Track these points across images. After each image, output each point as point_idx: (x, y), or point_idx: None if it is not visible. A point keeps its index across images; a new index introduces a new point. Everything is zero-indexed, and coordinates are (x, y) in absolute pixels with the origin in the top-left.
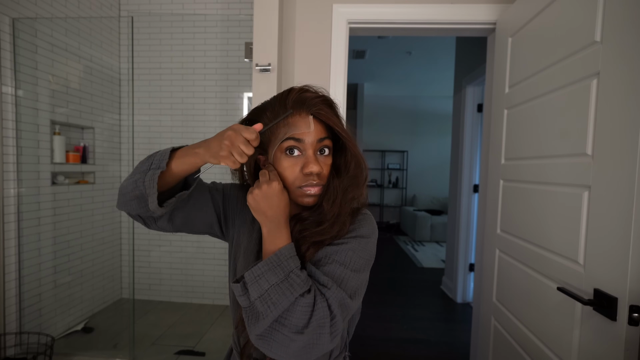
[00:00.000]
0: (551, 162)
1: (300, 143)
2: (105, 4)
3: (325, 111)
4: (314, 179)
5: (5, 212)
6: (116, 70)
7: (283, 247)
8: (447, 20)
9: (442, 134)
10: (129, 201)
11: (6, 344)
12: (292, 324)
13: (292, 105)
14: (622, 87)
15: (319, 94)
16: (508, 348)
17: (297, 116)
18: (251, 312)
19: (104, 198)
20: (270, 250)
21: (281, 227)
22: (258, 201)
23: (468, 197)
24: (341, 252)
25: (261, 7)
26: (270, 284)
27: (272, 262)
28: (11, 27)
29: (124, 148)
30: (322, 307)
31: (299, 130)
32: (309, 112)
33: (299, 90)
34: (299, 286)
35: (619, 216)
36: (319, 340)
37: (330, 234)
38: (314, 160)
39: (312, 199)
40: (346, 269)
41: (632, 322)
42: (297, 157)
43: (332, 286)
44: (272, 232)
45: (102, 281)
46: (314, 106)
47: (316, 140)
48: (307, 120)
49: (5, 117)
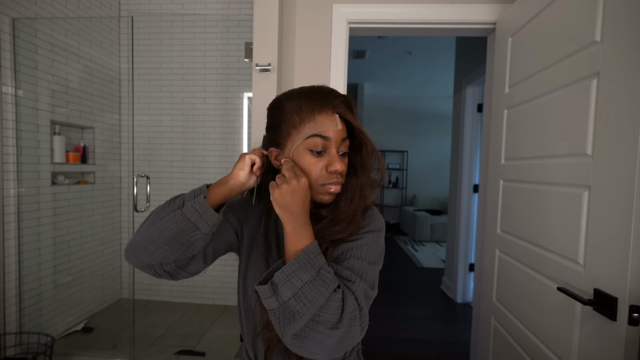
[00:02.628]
0: (551, 162)
1: (327, 141)
2: (105, 4)
3: (350, 111)
4: (337, 177)
5: (5, 212)
6: (116, 70)
7: (310, 245)
8: (447, 20)
9: (442, 134)
10: (159, 248)
11: (6, 344)
12: (326, 320)
13: (319, 103)
14: (622, 87)
15: (341, 94)
16: (508, 348)
17: (324, 113)
18: (283, 312)
19: (104, 198)
20: (296, 249)
21: (305, 225)
22: (285, 197)
23: (468, 197)
24: (357, 247)
25: (261, 7)
26: (303, 282)
27: (303, 260)
28: (11, 27)
29: (124, 148)
30: (351, 300)
31: (326, 128)
32: (334, 111)
33: (323, 87)
34: (331, 282)
35: (619, 216)
36: (351, 333)
37: (347, 233)
38: (338, 159)
39: (331, 197)
40: (364, 263)
41: (632, 322)
42: (321, 155)
43: (356, 279)
44: (297, 229)
45: (102, 281)
46: (339, 105)
47: (340, 139)
48: (333, 119)
49: (5, 117)
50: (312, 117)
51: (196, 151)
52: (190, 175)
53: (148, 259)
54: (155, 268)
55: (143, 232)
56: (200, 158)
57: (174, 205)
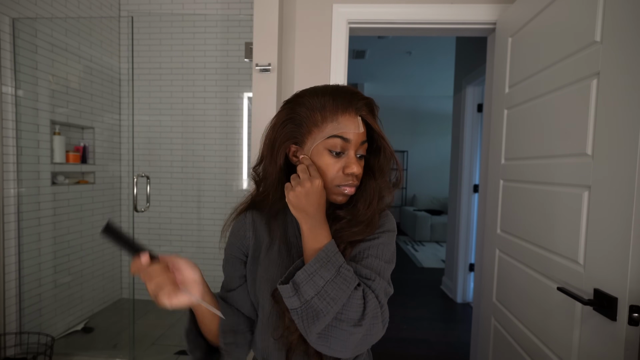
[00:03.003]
0: (551, 162)
1: (347, 143)
2: (105, 4)
3: (372, 114)
4: (353, 179)
5: (5, 212)
6: (116, 70)
7: (328, 243)
8: (447, 20)
9: (442, 134)
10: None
11: (6, 344)
12: (349, 317)
13: (343, 103)
14: (622, 87)
15: (364, 96)
16: (508, 348)
17: (347, 115)
18: (306, 311)
19: (104, 198)
20: (314, 247)
21: (322, 224)
22: (300, 198)
23: (468, 197)
24: (374, 246)
25: (261, 7)
26: (325, 281)
27: (323, 259)
28: (11, 27)
29: (124, 148)
30: (372, 298)
31: (348, 130)
32: (357, 113)
33: (348, 88)
34: (352, 279)
35: (619, 216)
36: (373, 329)
37: (365, 235)
38: (356, 162)
39: (344, 198)
40: (381, 261)
41: (632, 322)
42: (339, 156)
43: (376, 277)
44: (314, 229)
45: (102, 281)
46: (361, 108)
47: (359, 142)
48: (356, 121)
49: (5, 117)
50: (335, 117)
51: (196, 151)
52: (190, 175)
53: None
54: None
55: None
56: (200, 158)
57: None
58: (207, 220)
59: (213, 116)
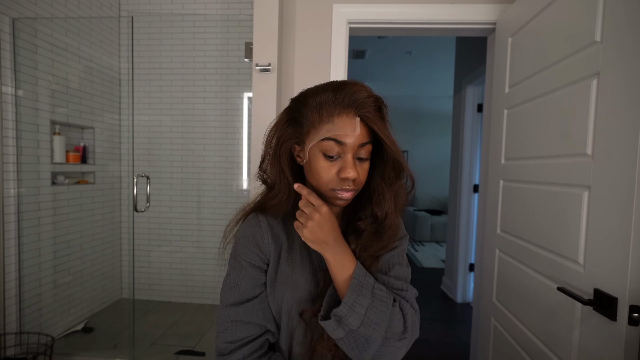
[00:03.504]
0: (551, 162)
1: (341, 146)
2: (105, 4)
3: (373, 115)
4: (349, 184)
5: (5, 212)
6: (116, 70)
7: (356, 268)
8: (447, 20)
9: (442, 134)
10: None
11: (6, 344)
12: (394, 333)
13: (341, 103)
14: (622, 87)
15: (371, 93)
16: (508, 348)
17: (343, 116)
18: (355, 339)
19: (104, 198)
20: (344, 277)
21: (344, 248)
22: (315, 232)
23: (468, 197)
24: (396, 255)
25: (261, 7)
26: (365, 308)
27: (357, 287)
28: (11, 27)
29: (124, 148)
30: (408, 308)
31: (343, 132)
32: (357, 113)
33: (352, 85)
34: (387, 298)
35: (619, 216)
36: (414, 334)
37: (389, 247)
38: (351, 166)
39: (344, 202)
40: (403, 267)
41: (632, 322)
42: (335, 159)
43: (406, 286)
44: (338, 256)
45: (102, 281)
46: (363, 107)
47: (357, 144)
48: (353, 123)
49: (5, 117)
50: (331, 118)
51: (196, 151)
52: (190, 176)
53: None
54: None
55: None
56: (200, 158)
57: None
58: (207, 220)
59: (213, 116)
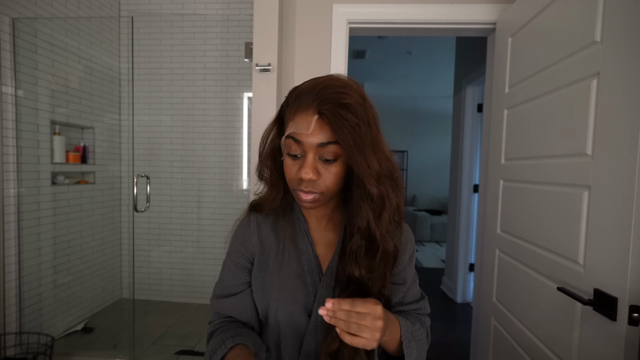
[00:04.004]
0: (551, 162)
1: (299, 145)
2: (105, 4)
3: (332, 112)
4: (305, 185)
5: (5, 212)
6: (116, 70)
7: (401, 329)
8: (447, 20)
9: (442, 134)
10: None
11: (6, 344)
12: (425, 344)
13: (306, 98)
14: (622, 87)
15: (339, 89)
16: (508, 348)
17: (303, 113)
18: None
19: (104, 198)
20: (395, 338)
21: (391, 320)
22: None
23: (468, 197)
24: (407, 271)
25: (261, 7)
26: (417, 350)
27: (408, 349)
28: (11, 27)
29: (124, 148)
30: (427, 320)
31: (299, 130)
32: (316, 110)
33: (325, 80)
34: (421, 333)
35: (619, 216)
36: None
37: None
38: (309, 166)
39: (309, 205)
40: (415, 278)
41: (632, 322)
42: (298, 157)
43: (420, 302)
44: (388, 331)
45: (102, 281)
46: (324, 104)
47: (316, 144)
48: (309, 121)
49: (5, 117)
50: (294, 115)
51: (196, 151)
52: (190, 176)
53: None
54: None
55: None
56: (200, 158)
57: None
58: (207, 220)
59: (213, 116)
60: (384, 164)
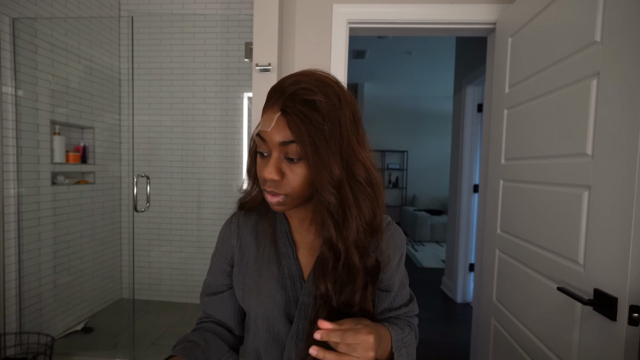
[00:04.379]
0: (551, 162)
1: (264, 142)
2: (105, 4)
3: (293, 109)
4: (269, 186)
5: (5, 212)
6: (116, 70)
7: (392, 340)
8: (447, 20)
9: (442, 134)
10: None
11: (6, 344)
12: (414, 347)
13: (273, 95)
14: (622, 87)
15: (306, 85)
16: (508, 348)
17: (269, 110)
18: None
19: (104, 198)
20: (386, 348)
21: (382, 337)
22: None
23: (468, 197)
24: (397, 276)
25: (261, 7)
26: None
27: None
28: (11, 27)
29: (124, 148)
30: (415, 321)
31: (262, 128)
32: (280, 106)
33: (294, 76)
34: (410, 338)
35: (619, 216)
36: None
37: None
38: (271, 165)
39: (276, 207)
40: (405, 280)
41: (632, 322)
42: (266, 156)
43: (410, 305)
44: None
45: (102, 281)
46: (288, 100)
47: (278, 142)
48: (271, 117)
49: (5, 117)
50: (263, 112)
51: (196, 151)
52: (190, 175)
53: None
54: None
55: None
56: (200, 158)
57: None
58: (207, 220)
59: (213, 116)
60: (357, 170)
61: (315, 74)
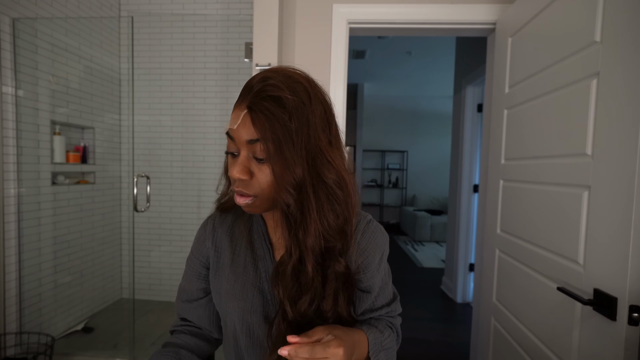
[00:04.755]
0: (551, 162)
1: (232, 141)
2: (105, 4)
3: (258, 106)
4: (237, 185)
5: (5, 212)
6: (116, 70)
7: (369, 345)
8: (447, 20)
9: (442, 134)
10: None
11: (6, 344)
12: (394, 349)
13: (243, 91)
14: (622, 87)
15: (273, 81)
16: (508, 348)
17: (237, 107)
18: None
19: (104, 198)
20: (363, 353)
21: (357, 343)
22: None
23: (468, 197)
24: (378, 276)
25: (261, 7)
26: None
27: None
28: (11, 27)
29: (124, 148)
30: (397, 321)
31: (229, 125)
32: (247, 104)
33: (263, 73)
34: (391, 341)
35: (619, 216)
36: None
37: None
38: (238, 164)
39: (246, 209)
40: (387, 279)
41: (632, 322)
42: (235, 155)
43: (392, 305)
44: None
45: (102, 281)
46: (255, 97)
47: (245, 140)
48: (238, 115)
49: (5, 117)
50: (233, 110)
51: (196, 151)
52: (190, 175)
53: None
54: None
55: None
56: (200, 158)
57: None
58: None
59: (213, 116)
60: (325, 172)
61: (285, 70)
